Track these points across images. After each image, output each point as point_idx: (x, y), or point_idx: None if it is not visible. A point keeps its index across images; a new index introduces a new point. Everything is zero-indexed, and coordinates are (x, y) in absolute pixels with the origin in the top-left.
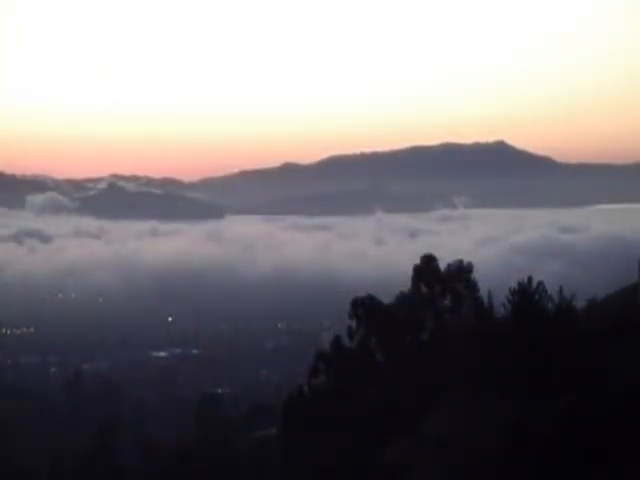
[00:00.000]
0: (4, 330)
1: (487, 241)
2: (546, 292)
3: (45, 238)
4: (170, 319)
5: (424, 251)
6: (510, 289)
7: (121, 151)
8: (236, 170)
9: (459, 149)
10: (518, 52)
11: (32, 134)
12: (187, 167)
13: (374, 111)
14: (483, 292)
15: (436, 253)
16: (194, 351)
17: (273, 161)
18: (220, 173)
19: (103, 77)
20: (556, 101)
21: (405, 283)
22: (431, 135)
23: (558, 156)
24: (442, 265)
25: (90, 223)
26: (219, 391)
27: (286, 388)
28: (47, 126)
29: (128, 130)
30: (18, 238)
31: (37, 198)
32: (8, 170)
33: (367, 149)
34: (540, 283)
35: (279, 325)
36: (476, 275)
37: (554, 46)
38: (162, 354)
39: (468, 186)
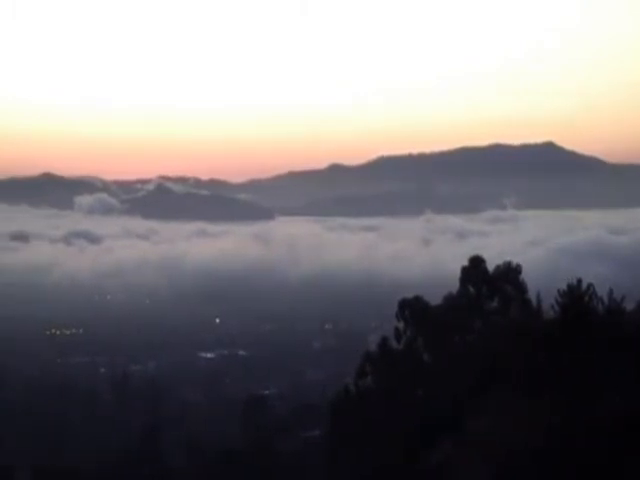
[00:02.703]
0: (53, 331)
1: (536, 242)
2: (596, 294)
3: (94, 239)
4: (217, 320)
5: (472, 252)
6: (559, 291)
7: (169, 152)
8: (284, 171)
9: (508, 150)
10: (566, 52)
11: (81, 135)
12: (234, 168)
13: (422, 112)
14: (532, 294)
15: (485, 254)
16: (241, 352)
17: (320, 162)
18: (267, 174)
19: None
20: (605, 101)
21: (453, 284)
22: (480, 136)
23: (607, 156)
24: (491, 266)
25: (138, 224)
26: (266, 392)
27: (333, 389)
28: (96, 127)
29: (176, 132)
30: (67, 239)
31: (86, 199)
32: (57, 171)
33: (415, 150)
34: (590, 285)
35: (326, 326)
36: (525, 276)
37: (602, 45)
38: (209, 355)
39: (517, 187)
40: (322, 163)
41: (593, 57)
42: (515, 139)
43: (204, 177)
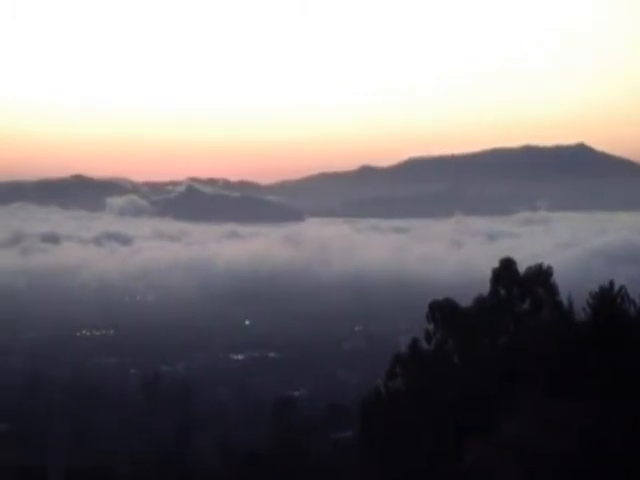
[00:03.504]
0: (84, 332)
1: (568, 244)
2: (628, 296)
3: (124, 240)
4: (247, 322)
5: (503, 254)
6: (591, 293)
7: (198, 154)
8: (314, 172)
9: (540, 151)
10: (598, 53)
11: (111, 137)
12: (264, 170)
13: (453, 113)
14: (563, 296)
15: (516, 256)
16: (271, 354)
17: (350, 164)
18: (298, 176)
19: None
20: (637, 102)
21: (484, 286)
22: (511, 137)
23: (639, 158)
24: (522, 268)
25: (169, 226)
26: (296, 393)
27: (363, 390)
28: (126, 129)
29: (205, 133)
30: (98, 240)
31: (116, 201)
32: (88, 173)
33: (446, 151)
34: (622, 287)
35: (356, 327)
36: (556, 279)
37: (635, 46)
38: (239, 357)
39: (549, 189)
40: (352, 164)
41: (626, 58)
42: (546, 140)
43: (234, 179)
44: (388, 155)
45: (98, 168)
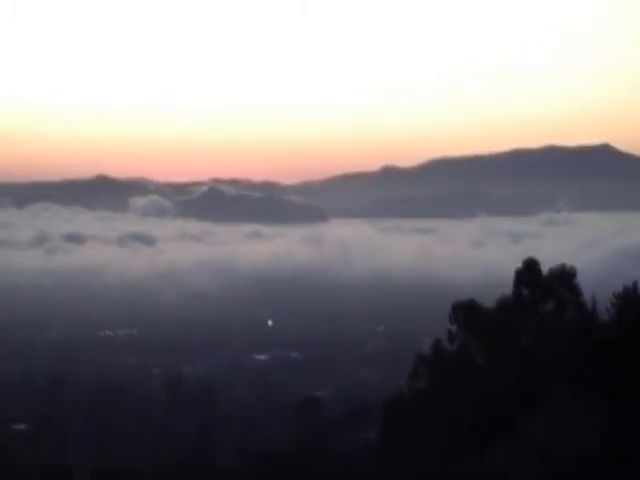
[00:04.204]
0: (107, 331)
1: (591, 245)
2: None
3: (148, 241)
4: (270, 322)
5: (526, 255)
6: (614, 293)
7: (220, 154)
8: (336, 173)
9: (563, 152)
10: (621, 52)
11: (134, 138)
12: (287, 170)
13: (475, 113)
14: (587, 296)
15: (539, 257)
16: (294, 354)
17: (372, 164)
18: (320, 176)
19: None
20: None
21: (507, 287)
22: (534, 137)
23: None
24: (545, 269)
25: (192, 226)
26: (319, 393)
27: (386, 391)
28: (149, 130)
29: (228, 134)
30: (121, 240)
31: (140, 201)
32: (111, 173)
33: (468, 152)
34: None
35: (379, 328)
36: (579, 279)
37: None
38: (262, 356)
39: (572, 189)
40: (374, 165)
41: None
42: (570, 140)
43: (257, 179)
44: (410, 156)
45: (122, 169)
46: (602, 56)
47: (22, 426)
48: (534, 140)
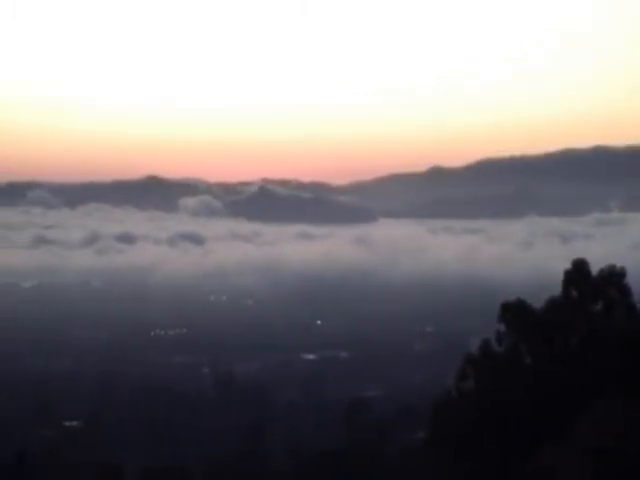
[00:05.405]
0: (158, 331)
1: None
2: None
3: (198, 241)
4: (319, 322)
5: (576, 255)
6: None
7: (270, 155)
8: (385, 173)
9: (612, 152)
10: None
11: (184, 138)
12: (336, 171)
13: (522, 114)
14: (637, 297)
15: (588, 257)
16: (342, 354)
17: (420, 165)
18: (369, 176)
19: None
20: None
21: (556, 288)
22: (583, 138)
23: None
24: (594, 270)
25: (242, 226)
26: (367, 394)
27: (434, 391)
28: (199, 130)
29: (278, 134)
30: (172, 241)
31: (190, 201)
32: (162, 174)
33: (516, 152)
34: None
35: (427, 328)
36: (629, 280)
37: None
38: (310, 356)
39: (622, 189)
40: (422, 165)
41: None
42: (619, 140)
43: (306, 179)
44: (458, 156)
45: (172, 169)
46: None
47: (73, 424)
48: (582, 140)
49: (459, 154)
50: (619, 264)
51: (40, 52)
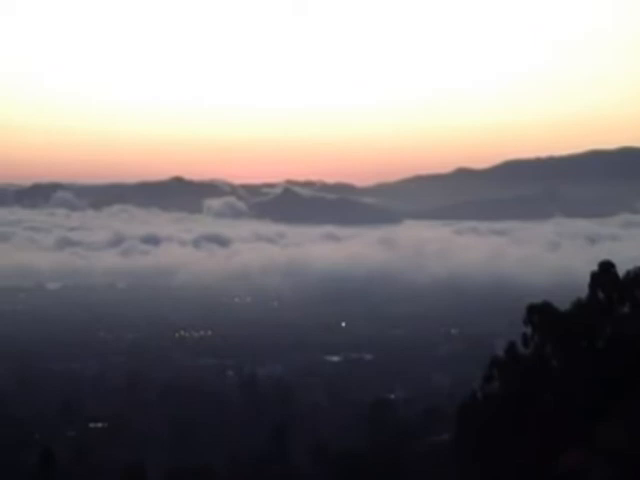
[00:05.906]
0: (183, 332)
1: None
2: None
3: (223, 242)
4: (343, 324)
5: (603, 257)
6: None
7: (294, 156)
8: (410, 175)
9: (638, 153)
10: None
11: (209, 140)
12: (360, 172)
13: (549, 115)
14: None
15: (615, 259)
16: (367, 356)
17: (445, 166)
18: (394, 178)
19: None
20: None
21: (582, 290)
22: (609, 138)
23: None
24: (621, 272)
25: (267, 228)
26: (392, 396)
27: (459, 394)
28: (224, 131)
29: (302, 135)
30: (197, 242)
31: (215, 203)
32: (187, 175)
33: (543, 153)
34: None
35: (453, 330)
36: None
37: None
38: (335, 358)
39: None
40: (448, 167)
41: None
42: None
43: (330, 180)
44: (483, 157)
45: (197, 170)
46: None
47: (99, 425)
48: (609, 141)
49: (485, 155)
50: None
51: (65, 56)
